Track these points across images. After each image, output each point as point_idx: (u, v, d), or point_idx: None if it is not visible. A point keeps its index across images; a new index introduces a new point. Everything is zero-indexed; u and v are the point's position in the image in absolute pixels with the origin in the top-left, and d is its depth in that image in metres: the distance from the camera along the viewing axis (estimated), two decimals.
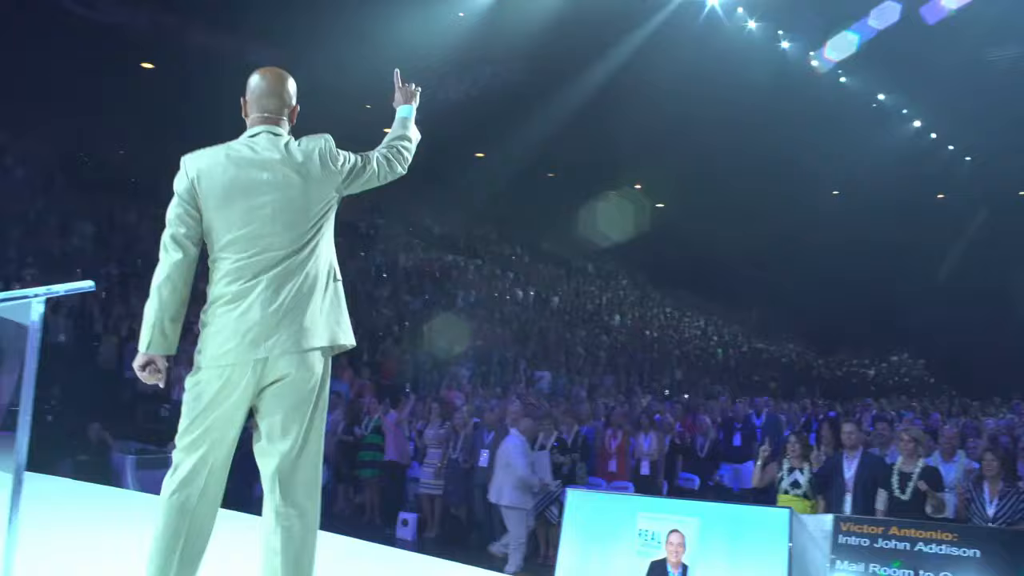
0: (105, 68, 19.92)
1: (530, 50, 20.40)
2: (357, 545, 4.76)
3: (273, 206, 2.54)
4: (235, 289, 2.53)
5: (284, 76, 2.75)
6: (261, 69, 2.80)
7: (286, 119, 2.70)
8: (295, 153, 2.60)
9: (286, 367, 2.53)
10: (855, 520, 4.71)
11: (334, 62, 18.83)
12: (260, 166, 2.58)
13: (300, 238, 2.56)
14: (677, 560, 4.67)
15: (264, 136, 2.63)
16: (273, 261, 2.53)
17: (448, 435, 9.15)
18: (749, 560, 4.57)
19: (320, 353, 2.59)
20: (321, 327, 2.58)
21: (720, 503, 5.26)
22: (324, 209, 2.63)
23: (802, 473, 6.38)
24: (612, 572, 4.81)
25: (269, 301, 2.51)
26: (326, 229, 2.66)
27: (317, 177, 2.60)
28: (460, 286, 21.46)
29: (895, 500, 5.79)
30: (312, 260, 2.59)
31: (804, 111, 22.72)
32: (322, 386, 2.62)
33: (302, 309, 2.54)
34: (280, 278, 2.54)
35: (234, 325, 2.51)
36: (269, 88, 2.70)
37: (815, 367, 25.78)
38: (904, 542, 4.40)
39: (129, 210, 18.49)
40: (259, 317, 2.50)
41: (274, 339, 2.50)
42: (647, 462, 8.34)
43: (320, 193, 2.61)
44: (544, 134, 23.62)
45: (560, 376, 16.66)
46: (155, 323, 2.54)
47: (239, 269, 2.54)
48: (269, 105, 2.68)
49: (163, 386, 2.70)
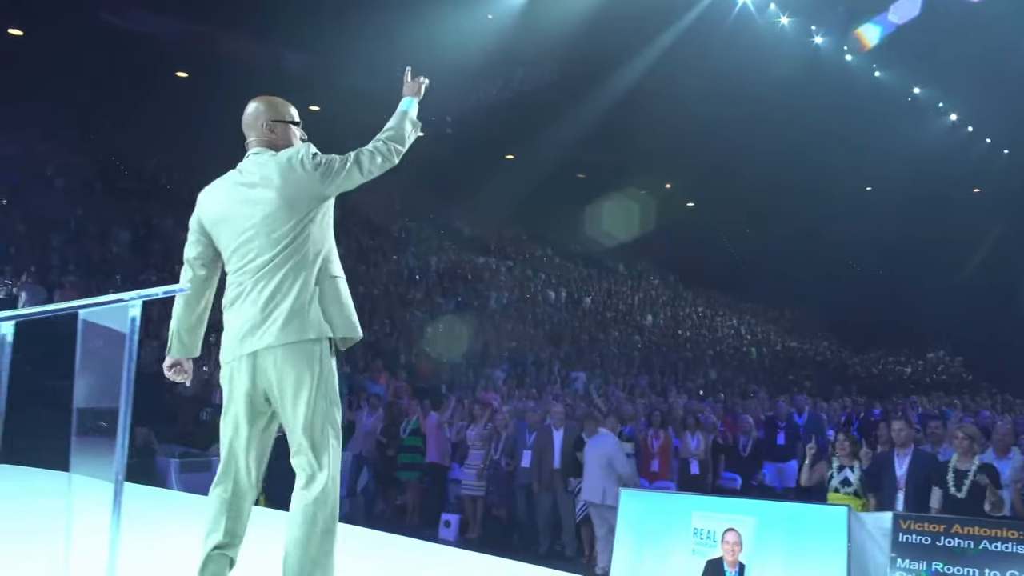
0: (139, 78, 20.24)
1: (560, 51, 20.43)
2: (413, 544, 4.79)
3: (255, 217, 2.76)
4: (232, 295, 2.81)
5: (261, 102, 2.94)
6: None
7: (266, 138, 2.89)
8: (272, 166, 2.80)
9: (278, 361, 2.71)
10: (916, 518, 4.65)
11: (365, 66, 18.98)
12: (245, 185, 2.82)
13: (281, 240, 2.74)
14: (734, 559, 4.65)
15: (250, 159, 2.88)
16: (260, 265, 2.75)
17: (490, 436, 9.17)
18: (807, 559, 4.54)
19: (310, 345, 2.72)
20: (305, 321, 2.72)
21: (776, 501, 5.22)
22: (305, 211, 2.77)
23: (852, 471, 6.30)
24: (667, 571, 4.80)
25: (255, 300, 2.74)
26: (313, 230, 2.80)
27: (292, 183, 2.76)
28: (492, 287, 21.48)
29: (951, 498, 5.70)
30: (296, 259, 2.75)
31: (838, 107, 22.50)
32: (319, 377, 2.73)
33: (286, 305, 2.72)
34: (265, 279, 2.75)
35: (231, 326, 2.79)
36: (248, 118, 2.93)
37: (850, 365, 25.43)
38: (968, 540, 4.33)
39: (166, 217, 18.73)
40: (247, 315, 2.75)
41: (258, 334, 2.72)
42: (695, 462, 8.29)
43: (298, 197, 2.77)
44: (574, 135, 23.61)
45: (595, 377, 16.61)
46: (174, 332, 2.90)
47: (236, 277, 2.81)
48: (250, 132, 2.93)
49: (188, 384, 3.08)
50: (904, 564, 4.43)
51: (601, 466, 7.65)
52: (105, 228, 17.15)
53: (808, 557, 4.56)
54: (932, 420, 7.83)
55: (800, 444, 9.71)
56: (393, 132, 2.96)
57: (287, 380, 2.71)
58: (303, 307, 2.73)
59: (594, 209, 28.29)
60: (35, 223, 15.95)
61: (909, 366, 26.54)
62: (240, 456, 2.80)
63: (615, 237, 28.49)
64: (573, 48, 20.07)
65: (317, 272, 2.78)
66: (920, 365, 26.85)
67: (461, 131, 23.66)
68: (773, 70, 20.83)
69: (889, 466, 6.26)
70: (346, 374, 13.46)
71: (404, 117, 3.02)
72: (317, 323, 2.74)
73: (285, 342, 2.70)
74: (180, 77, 22.43)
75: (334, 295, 2.80)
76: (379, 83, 18.80)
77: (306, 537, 2.64)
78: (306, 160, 2.78)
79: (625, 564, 4.81)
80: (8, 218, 15.86)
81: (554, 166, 25.02)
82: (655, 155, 25.79)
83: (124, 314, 2.22)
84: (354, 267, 19.58)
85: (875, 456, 6.53)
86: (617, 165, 26.82)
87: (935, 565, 4.37)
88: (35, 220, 16.06)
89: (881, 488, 6.25)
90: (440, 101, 26.05)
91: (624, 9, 19.10)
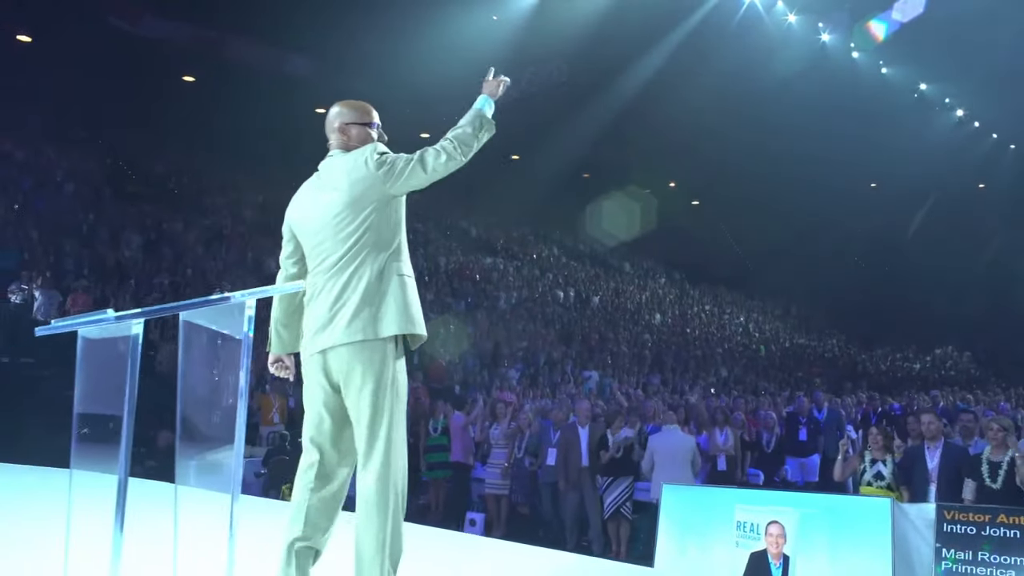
0: (147, 82, 20.29)
1: (567, 52, 20.43)
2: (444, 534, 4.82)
3: (326, 218, 2.84)
4: (309, 293, 2.88)
5: (339, 105, 3.03)
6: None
7: (341, 140, 2.97)
8: (340, 167, 2.88)
9: (345, 358, 2.76)
10: (960, 508, 4.68)
11: (371, 69, 19.02)
12: (320, 188, 2.91)
13: (347, 240, 2.80)
14: (778, 551, 4.68)
15: (326, 161, 2.97)
16: (330, 264, 2.82)
17: (513, 435, 9.20)
18: (851, 550, 4.57)
19: (377, 344, 2.76)
20: (370, 319, 2.76)
21: (819, 493, 5.25)
22: (371, 211, 2.82)
23: (885, 465, 6.33)
24: (711, 564, 4.83)
25: (325, 299, 2.81)
26: (381, 229, 2.84)
27: (358, 183, 2.82)
28: (501, 288, 21.52)
29: (986, 489, 5.71)
30: (361, 258, 2.80)
31: (844, 104, 22.53)
32: (382, 374, 2.77)
33: (352, 304, 2.77)
34: (335, 278, 2.81)
35: (306, 324, 2.87)
36: (327, 122, 3.02)
37: (859, 362, 25.43)
38: (1014, 529, 4.36)
39: (175, 221, 18.77)
40: (318, 313, 2.81)
41: (327, 332, 2.78)
42: (723, 457, 8.31)
43: (363, 197, 2.82)
44: (579, 135, 23.65)
45: (607, 376, 16.64)
46: (272, 328, 3.00)
47: (312, 277, 2.88)
48: (329, 135, 3.01)
49: (292, 379, 3.09)
50: (951, 554, 4.46)
51: (670, 463, 7.61)
52: (116, 233, 17.17)
53: (852, 549, 4.59)
54: (964, 414, 7.85)
55: (821, 439, 9.78)
56: (462, 131, 2.97)
57: (353, 376, 2.76)
58: (368, 306, 2.77)
59: (599, 208, 28.33)
60: (47, 228, 15.97)
61: (917, 362, 26.55)
62: (326, 448, 2.85)
63: (621, 236, 28.53)
64: (580, 49, 20.10)
65: (382, 270, 2.82)
66: (928, 361, 26.87)
67: None
68: (780, 68, 20.88)
69: (920, 459, 6.29)
70: None
71: (477, 115, 3.03)
72: (381, 321, 2.78)
73: (350, 341, 2.76)
74: (187, 81, 22.47)
75: (400, 293, 2.82)
76: (385, 85, 18.96)
77: (368, 518, 2.70)
78: (370, 160, 2.83)
79: (669, 557, 4.84)
80: (21, 223, 15.89)
81: (560, 166, 25.06)
82: (660, 154, 25.84)
83: (239, 315, 2.18)
84: None
85: (906, 450, 6.56)
86: (622, 165, 26.86)
87: (980, 555, 4.39)
88: (47, 225, 16.09)
89: (912, 481, 6.27)
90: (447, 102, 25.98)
91: (631, 10, 19.16)
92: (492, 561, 4.07)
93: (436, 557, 4.04)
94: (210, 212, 20.36)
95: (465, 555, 4.25)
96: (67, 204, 17.88)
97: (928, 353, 27.76)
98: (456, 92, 20.92)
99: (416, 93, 20.01)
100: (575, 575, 3.76)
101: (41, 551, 3.29)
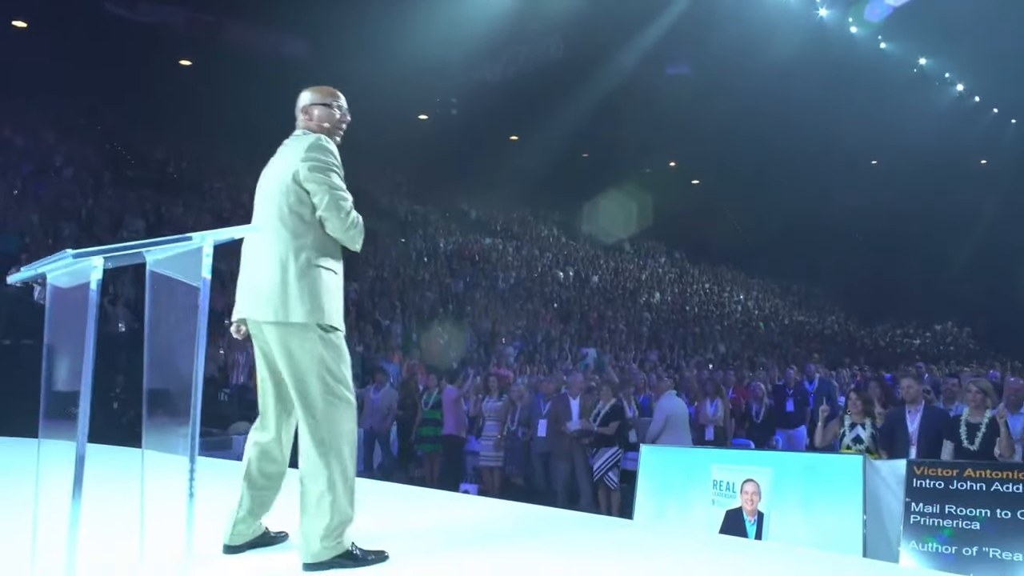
0: (144, 66, 20.30)
1: (563, 30, 20.39)
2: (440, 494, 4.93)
3: (266, 192, 2.97)
4: (242, 260, 3.00)
5: (303, 92, 3.14)
6: None
7: (303, 120, 3.10)
8: (292, 147, 2.98)
9: (271, 336, 2.85)
10: (929, 463, 4.78)
11: (368, 52, 19.02)
12: (273, 163, 3.04)
13: (273, 217, 2.89)
14: (753, 508, 4.79)
15: (288, 139, 3.09)
16: (258, 237, 2.90)
17: (506, 408, 9.32)
18: (824, 506, 4.68)
19: (295, 328, 2.81)
20: (282, 303, 2.81)
21: (793, 452, 5.35)
22: (296, 198, 2.88)
23: (864, 428, 6.42)
24: (688, 522, 4.94)
25: (248, 269, 2.93)
26: (304, 216, 2.88)
27: (292, 169, 2.90)
28: (500, 268, 21.61)
29: (963, 451, 5.80)
30: (284, 240, 2.85)
31: (843, 79, 22.44)
32: (301, 357, 2.81)
33: (267, 282, 2.84)
34: (259, 252, 2.89)
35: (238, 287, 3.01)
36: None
37: (858, 338, 25.52)
38: (980, 483, 4.46)
39: (175, 204, 18.88)
40: (242, 281, 2.96)
41: (246, 302, 2.92)
42: (711, 428, 8.41)
43: (295, 183, 2.89)
44: (577, 115, 23.61)
45: (605, 353, 16.75)
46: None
47: (246, 242, 2.98)
48: (297, 116, 3.14)
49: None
50: (918, 508, 4.57)
51: (673, 428, 7.74)
52: (116, 217, 17.28)
53: (825, 505, 4.69)
54: (949, 379, 7.93)
55: (809, 411, 9.86)
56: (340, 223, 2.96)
57: (280, 355, 2.85)
58: (282, 288, 2.82)
59: (599, 188, 28.31)
60: (48, 213, 16.09)
61: (917, 338, 26.61)
62: (269, 409, 3.02)
63: (621, 215, 28.53)
64: (575, 26, 20.06)
65: (300, 256, 2.85)
66: (928, 337, 26.92)
67: (465, 114, 23.71)
68: (778, 44, 20.79)
69: (901, 422, 6.37)
70: (359, 353, 13.65)
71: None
72: (292, 307, 2.82)
73: (264, 320, 2.86)
74: (184, 65, 22.49)
75: (315, 283, 2.85)
76: (382, 67, 18.95)
77: (307, 485, 2.80)
78: (308, 156, 2.89)
79: (647, 516, 4.95)
80: (21, 208, 16.01)
81: (558, 146, 25.04)
82: (659, 133, 25.78)
83: (198, 259, 2.15)
84: (363, 250, 19.72)
85: (888, 415, 6.64)
86: (621, 144, 26.82)
87: (948, 508, 4.49)
88: (48, 210, 16.21)
89: (894, 444, 6.37)
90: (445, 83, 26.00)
91: None
92: (473, 515, 4.17)
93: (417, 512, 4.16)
94: (209, 196, 20.46)
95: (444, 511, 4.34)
96: (67, 189, 17.99)
97: (928, 329, 27.81)
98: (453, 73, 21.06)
99: (413, 74, 20.02)
100: (553, 526, 3.86)
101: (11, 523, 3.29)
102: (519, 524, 3.90)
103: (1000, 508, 4.36)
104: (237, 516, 2.96)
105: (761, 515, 4.74)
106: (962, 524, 4.39)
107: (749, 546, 4.12)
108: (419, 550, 3.18)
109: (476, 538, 3.55)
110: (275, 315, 2.82)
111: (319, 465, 2.78)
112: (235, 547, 2.96)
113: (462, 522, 3.90)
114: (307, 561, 2.76)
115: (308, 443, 2.80)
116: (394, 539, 3.18)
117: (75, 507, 2.10)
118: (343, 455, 2.81)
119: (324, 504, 2.75)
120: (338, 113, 3.10)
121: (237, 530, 2.96)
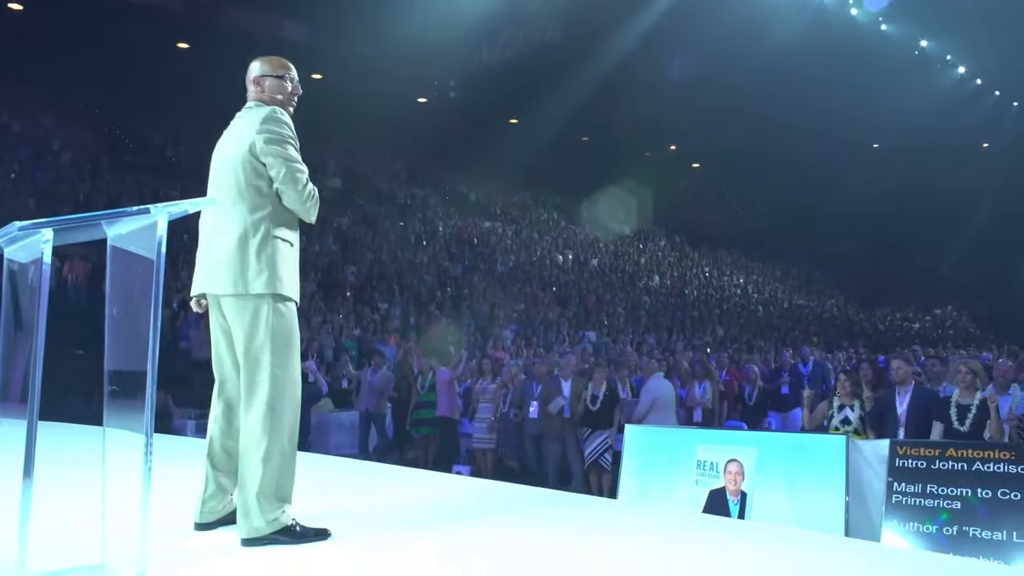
0: (141, 49, 20.21)
1: (561, 12, 20.25)
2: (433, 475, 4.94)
3: (222, 165, 2.95)
4: (200, 234, 2.99)
5: (253, 62, 3.11)
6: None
7: (255, 92, 3.07)
8: (246, 119, 2.98)
9: (229, 309, 2.88)
10: (911, 444, 4.78)
11: (366, 33, 18.91)
12: (227, 135, 3.03)
13: (230, 190, 2.88)
14: (736, 488, 4.80)
15: (241, 111, 3.08)
16: (215, 210, 2.89)
17: (499, 390, 9.34)
18: (807, 485, 4.68)
19: (250, 299, 2.83)
20: (240, 274, 2.82)
21: (777, 432, 5.36)
22: (251, 170, 2.88)
23: (852, 410, 6.41)
24: (672, 501, 4.95)
25: (207, 243, 2.93)
26: (261, 188, 2.88)
27: (247, 141, 2.89)
28: (499, 251, 21.59)
29: (953, 432, 5.79)
30: (241, 213, 2.85)
31: (844, 62, 22.28)
32: (255, 328, 2.84)
33: (225, 253, 2.84)
34: (216, 225, 2.90)
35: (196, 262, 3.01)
36: (246, 77, 3.12)
37: (856, 322, 25.50)
38: (961, 463, 4.46)
39: (173, 188, 18.84)
40: (201, 255, 2.96)
41: (205, 276, 2.92)
42: (699, 410, 8.43)
43: (250, 155, 2.89)
44: (577, 98, 23.49)
45: (603, 336, 16.77)
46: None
47: (204, 216, 2.98)
48: (248, 88, 3.11)
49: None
50: (901, 488, 4.57)
51: (659, 409, 7.76)
52: (113, 201, 17.26)
53: (808, 485, 4.70)
54: (930, 360, 7.92)
55: (803, 393, 9.85)
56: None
57: (235, 327, 2.89)
58: (240, 259, 2.83)
59: (599, 172, 28.20)
60: (45, 198, 16.08)
61: (917, 322, 26.58)
62: (227, 382, 3.02)
63: (620, 199, 28.43)
64: (574, 8, 19.93)
65: (259, 228, 2.85)
66: (927, 321, 26.89)
67: (465, 97, 23.59)
68: (778, 27, 20.65)
69: (890, 404, 6.36)
70: (356, 336, 13.66)
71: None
72: (250, 278, 2.83)
73: (224, 292, 2.87)
74: (181, 48, 22.39)
75: (271, 253, 2.86)
76: (380, 50, 18.84)
77: (248, 457, 2.81)
78: (264, 129, 2.89)
79: (631, 495, 4.96)
80: (18, 192, 16.00)
81: (558, 130, 24.96)
82: (659, 116, 25.66)
83: (153, 232, 2.14)
84: (362, 234, 19.73)
85: (877, 396, 6.63)
86: (621, 128, 26.70)
87: (929, 487, 4.50)
88: (45, 195, 16.20)
89: (883, 425, 6.37)
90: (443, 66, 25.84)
91: None
92: (458, 495, 4.19)
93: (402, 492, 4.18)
94: (206, 179, 20.41)
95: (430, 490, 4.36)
96: (64, 173, 17.98)
97: (928, 313, 27.77)
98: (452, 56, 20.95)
99: (412, 57, 19.91)
100: (536, 505, 3.88)
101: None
102: (503, 503, 3.92)
103: (982, 488, 4.36)
104: (205, 494, 2.97)
105: (744, 495, 4.76)
106: (944, 504, 4.40)
107: (731, 525, 4.14)
108: (369, 526, 3.19)
109: (454, 516, 3.56)
110: (234, 287, 2.83)
111: (260, 436, 2.78)
112: (207, 524, 2.97)
113: (444, 501, 3.92)
114: (245, 536, 2.77)
115: (251, 415, 2.81)
116: (356, 516, 3.20)
117: (27, 488, 2.09)
118: (283, 428, 2.83)
119: (261, 475, 2.76)
120: (290, 86, 3.08)
121: (207, 507, 2.97)
